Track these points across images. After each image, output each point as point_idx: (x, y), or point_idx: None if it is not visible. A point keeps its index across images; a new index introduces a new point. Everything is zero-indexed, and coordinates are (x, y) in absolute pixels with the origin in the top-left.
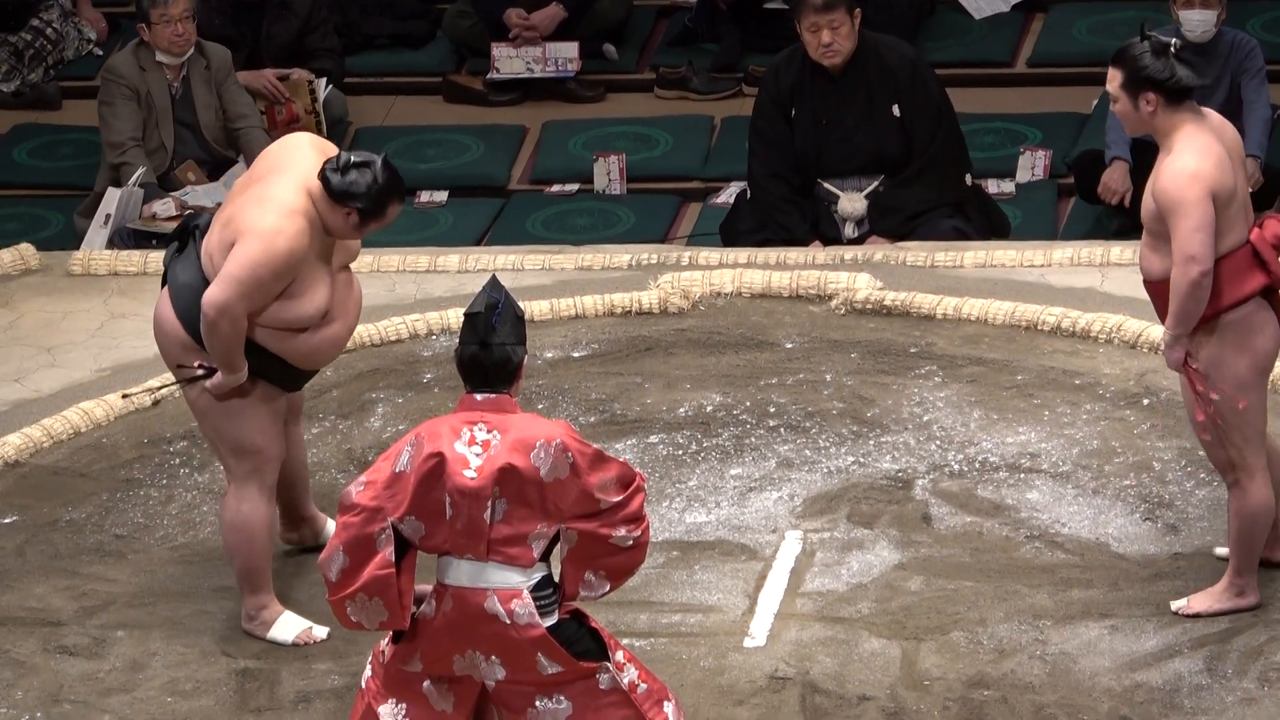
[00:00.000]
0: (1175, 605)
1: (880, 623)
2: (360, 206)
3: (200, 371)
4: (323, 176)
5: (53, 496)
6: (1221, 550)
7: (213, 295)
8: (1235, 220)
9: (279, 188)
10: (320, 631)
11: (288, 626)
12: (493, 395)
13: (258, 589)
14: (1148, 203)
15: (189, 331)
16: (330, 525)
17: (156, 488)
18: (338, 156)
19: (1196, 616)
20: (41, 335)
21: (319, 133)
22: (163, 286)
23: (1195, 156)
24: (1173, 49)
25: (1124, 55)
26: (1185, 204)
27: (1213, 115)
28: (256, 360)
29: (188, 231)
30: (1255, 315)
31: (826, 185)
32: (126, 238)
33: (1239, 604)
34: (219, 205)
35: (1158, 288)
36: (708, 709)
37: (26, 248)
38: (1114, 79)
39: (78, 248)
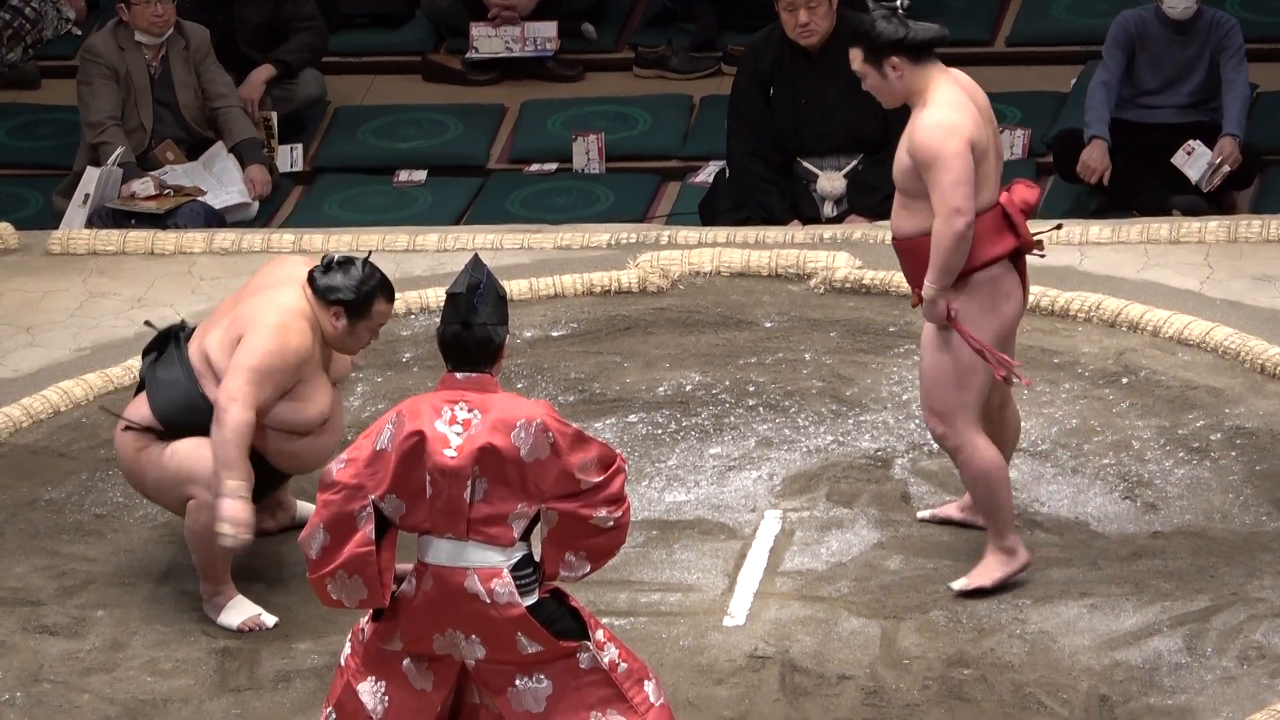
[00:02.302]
0: (956, 585)
1: (859, 602)
2: (343, 299)
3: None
4: (310, 278)
5: (32, 476)
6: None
7: (228, 386)
8: (987, 180)
9: (282, 293)
10: (269, 619)
11: (236, 612)
12: (474, 375)
13: (213, 579)
14: (902, 159)
15: (164, 422)
16: (301, 509)
17: None
18: (323, 258)
19: (979, 591)
20: (20, 315)
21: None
22: (135, 395)
23: (950, 109)
24: (900, 8)
25: (858, 31)
26: (945, 157)
27: (962, 75)
28: None
29: (166, 339)
30: (1004, 279)
31: (805, 164)
32: (105, 217)
33: (1012, 568)
34: (202, 324)
35: (908, 245)
36: (687, 688)
37: (5, 227)
38: (856, 57)
39: (56, 227)
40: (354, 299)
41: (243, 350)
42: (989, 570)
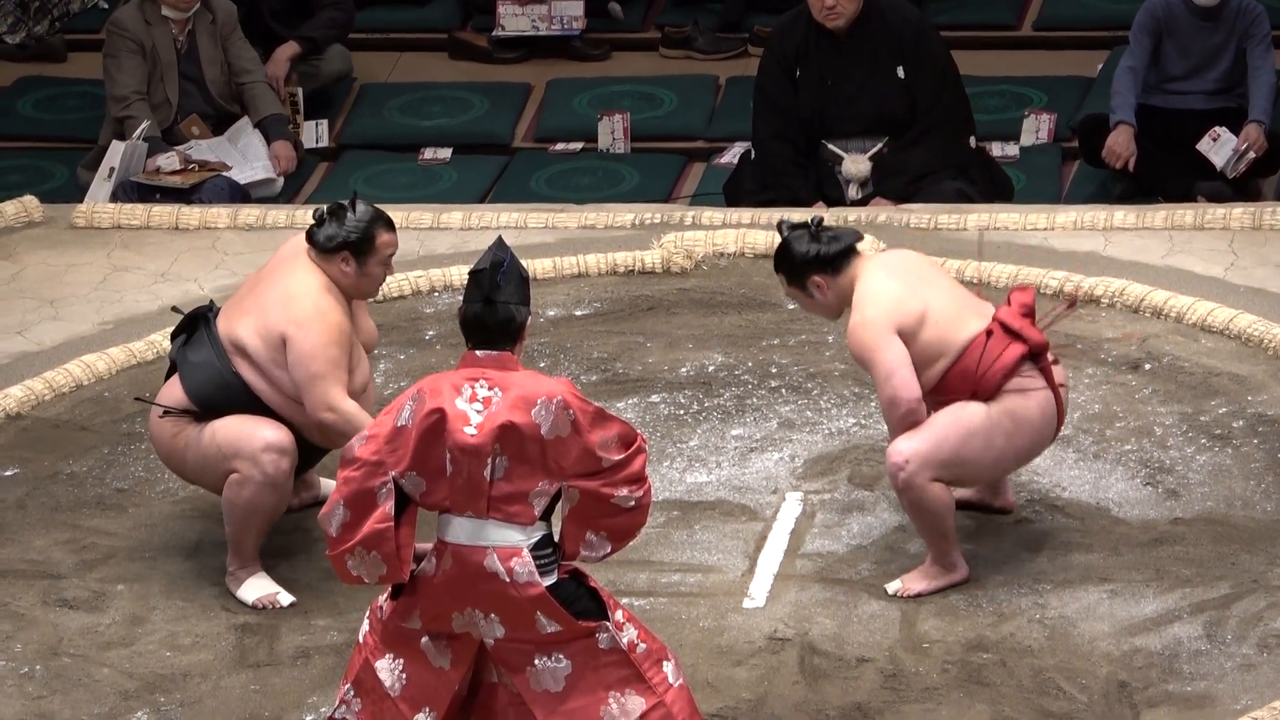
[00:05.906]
0: (891, 588)
1: (880, 585)
2: (345, 241)
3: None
4: (309, 235)
5: (54, 449)
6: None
7: (313, 402)
8: (951, 323)
9: (296, 278)
10: (285, 599)
11: (254, 587)
12: (495, 353)
13: (240, 554)
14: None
15: (199, 403)
16: (324, 486)
17: None
18: (314, 213)
19: (919, 596)
20: (44, 288)
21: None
22: (167, 379)
23: (867, 307)
24: (811, 226)
25: (778, 260)
26: (870, 353)
27: (887, 255)
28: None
29: (195, 320)
30: (1032, 391)
31: (831, 147)
32: (130, 191)
33: (952, 579)
34: (229, 304)
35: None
36: (706, 669)
37: (30, 200)
38: (783, 285)
39: (81, 200)
40: (356, 238)
41: (301, 358)
42: (926, 578)
